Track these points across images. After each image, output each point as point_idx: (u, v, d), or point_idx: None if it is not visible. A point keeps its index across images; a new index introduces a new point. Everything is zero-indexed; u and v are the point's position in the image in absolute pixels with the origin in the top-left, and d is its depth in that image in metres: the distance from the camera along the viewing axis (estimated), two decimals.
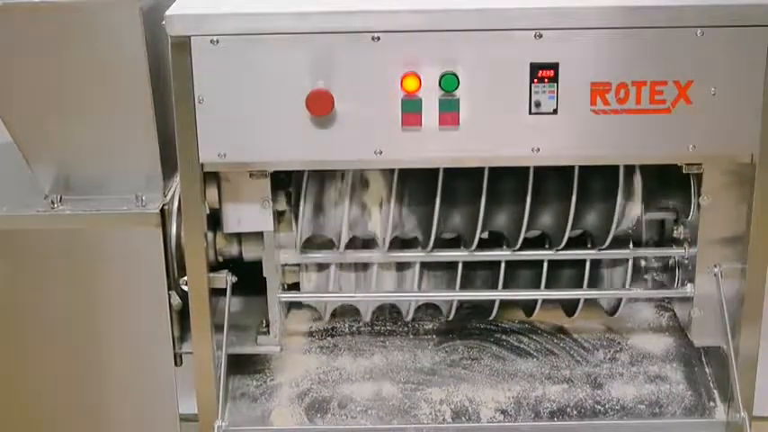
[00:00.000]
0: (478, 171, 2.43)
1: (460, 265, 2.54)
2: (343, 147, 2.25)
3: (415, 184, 2.48)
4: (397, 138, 2.23)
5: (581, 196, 2.45)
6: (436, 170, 2.43)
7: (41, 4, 2.30)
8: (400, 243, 2.57)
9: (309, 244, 2.54)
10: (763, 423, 2.69)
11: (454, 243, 2.57)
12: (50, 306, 2.52)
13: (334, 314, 2.67)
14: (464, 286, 2.56)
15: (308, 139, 2.23)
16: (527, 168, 2.42)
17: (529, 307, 2.64)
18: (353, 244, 2.54)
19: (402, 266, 2.59)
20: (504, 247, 2.53)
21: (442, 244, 2.56)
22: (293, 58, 2.18)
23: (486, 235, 2.54)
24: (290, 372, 2.61)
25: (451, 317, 2.63)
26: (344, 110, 2.21)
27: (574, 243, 2.52)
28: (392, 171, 2.45)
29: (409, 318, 2.64)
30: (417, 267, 2.56)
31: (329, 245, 2.55)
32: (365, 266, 2.57)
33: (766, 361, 2.46)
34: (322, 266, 2.57)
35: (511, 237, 2.50)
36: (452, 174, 2.44)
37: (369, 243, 2.57)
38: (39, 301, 2.52)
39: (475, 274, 2.59)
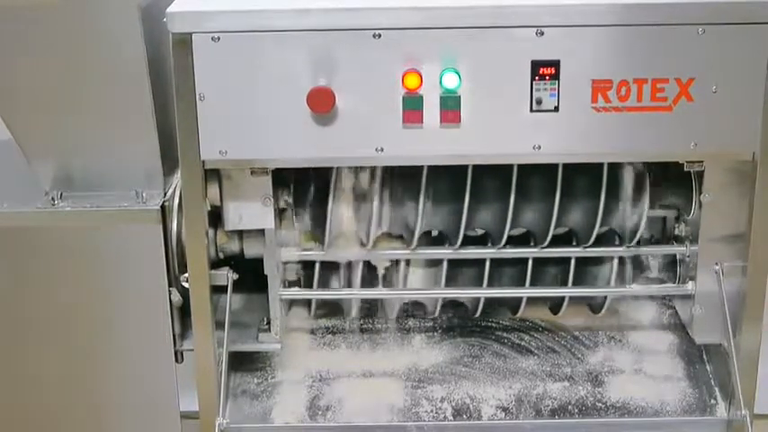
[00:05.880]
0: (503, 168, 2.42)
1: (488, 263, 2.53)
2: (344, 144, 2.24)
3: (443, 182, 2.48)
4: (399, 135, 2.23)
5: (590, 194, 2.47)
6: (458, 167, 2.43)
7: (41, 2, 2.30)
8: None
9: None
10: (765, 421, 2.69)
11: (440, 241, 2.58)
12: (51, 303, 2.52)
13: (339, 312, 2.68)
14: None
15: (309, 136, 2.23)
16: (545, 166, 2.42)
17: (555, 305, 2.66)
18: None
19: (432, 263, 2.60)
20: (502, 243, 2.54)
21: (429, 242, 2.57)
22: (294, 55, 2.18)
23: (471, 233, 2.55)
24: (291, 369, 2.61)
25: (478, 313, 2.63)
26: (346, 107, 2.21)
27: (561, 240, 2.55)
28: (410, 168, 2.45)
29: (436, 314, 2.64)
30: (445, 265, 2.55)
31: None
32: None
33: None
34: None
35: (496, 235, 2.50)
36: (478, 171, 2.44)
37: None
38: (39, 297, 2.52)
39: (501, 271, 2.60)
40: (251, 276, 2.51)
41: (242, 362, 2.60)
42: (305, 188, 2.50)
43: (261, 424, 2.50)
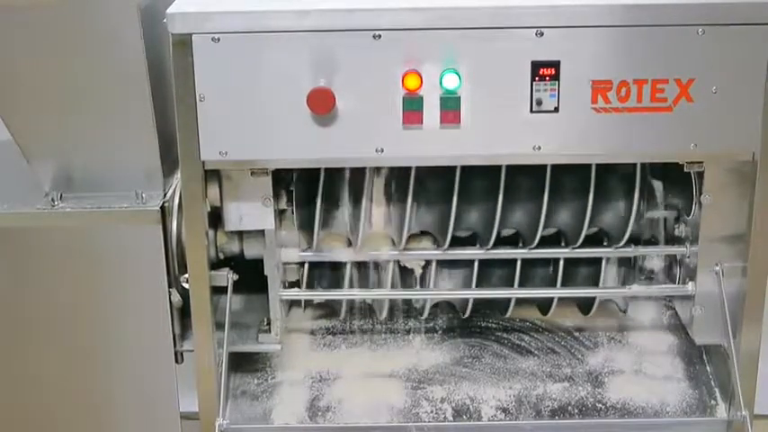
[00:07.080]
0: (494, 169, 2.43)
1: (519, 263, 2.53)
2: (344, 145, 2.24)
3: (474, 182, 2.48)
4: (399, 136, 2.23)
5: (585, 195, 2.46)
6: (449, 168, 2.43)
7: (41, 2, 2.30)
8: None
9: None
10: (765, 421, 2.69)
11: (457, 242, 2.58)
12: (51, 304, 2.52)
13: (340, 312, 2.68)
14: (479, 284, 2.57)
15: (309, 137, 2.23)
16: (577, 166, 2.42)
17: (544, 305, 2.65)
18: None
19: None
20: (520, 245, 2.54)
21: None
22: (294, 56, 2.18)
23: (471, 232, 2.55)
24: (291, 370, 2.61)
25: (508, 313, 2.63)
26: (346, 108, 2.21)
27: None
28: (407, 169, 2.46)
29: (466, 315, 2.63)
30: (476, 265, 2.54)
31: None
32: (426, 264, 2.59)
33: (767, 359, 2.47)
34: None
35: (528, 235, 2.50)
36: (468, 171, 2.45)
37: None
38: (39, 298, 2.52)
39: (491, 271, 2.60)
40: (251, 277, 2.51)
41: (242, 362, 2.61)
42: (331, 189, 2.50)
43: (261, 425, 2.50)
